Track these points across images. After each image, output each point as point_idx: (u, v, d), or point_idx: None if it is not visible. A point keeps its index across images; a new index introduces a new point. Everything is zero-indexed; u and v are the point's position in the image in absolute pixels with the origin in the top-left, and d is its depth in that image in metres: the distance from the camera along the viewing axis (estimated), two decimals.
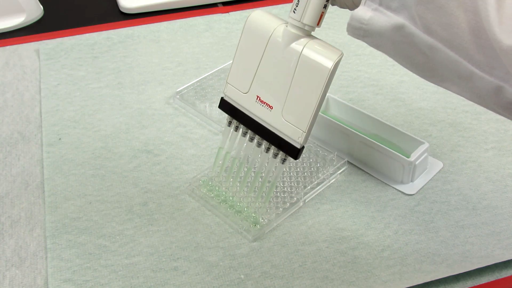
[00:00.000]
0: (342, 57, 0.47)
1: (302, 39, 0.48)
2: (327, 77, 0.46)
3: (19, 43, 0.82)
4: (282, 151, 0.51)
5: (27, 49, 0.80)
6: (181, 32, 0.84)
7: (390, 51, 0.45)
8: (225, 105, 0.54)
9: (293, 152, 0.50)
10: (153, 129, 0.66)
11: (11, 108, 0.70)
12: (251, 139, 0.54)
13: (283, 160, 0.52)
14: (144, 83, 0.74)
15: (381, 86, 0.73)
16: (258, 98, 0.51)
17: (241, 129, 0.54)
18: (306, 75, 0.47)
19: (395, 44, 0.43)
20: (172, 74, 0.75)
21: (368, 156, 0.61)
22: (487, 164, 0.62)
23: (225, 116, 0.67)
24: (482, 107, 0.68)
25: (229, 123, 0.54)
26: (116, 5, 0.91)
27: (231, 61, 0.76)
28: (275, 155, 0.52)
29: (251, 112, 0.52)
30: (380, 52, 0.46)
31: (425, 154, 0.59)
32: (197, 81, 0.73)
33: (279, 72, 0.49)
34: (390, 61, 0.77)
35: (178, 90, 0.71)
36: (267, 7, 0.89)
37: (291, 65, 0.48)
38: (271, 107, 0.50)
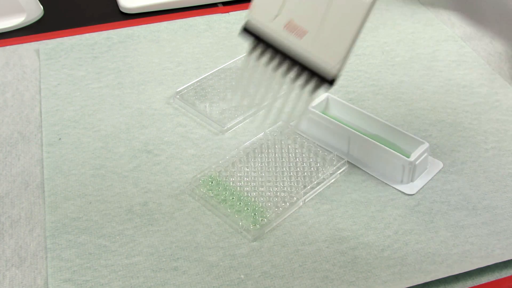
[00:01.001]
0: None
1: None
2: (368, 9, 0.43)
3: (19, 43, 0.82)
4: (315, 79, 0.47)
5: (27, 49, 0.80)
6: (181, 32, 0.84)
7: None
8: (249, 32, 0.48)
9: (327, 80, 0.46)
10: (153, 129, 0.67)
11: (11, 108, 0.70)
12: (276, 69, 0.49)
13: (313, 90, 0.48)
14: (144, 83, 0.74)
15: (381, 86, 0.73)
16: (290, 23, 0.46)
17: (263, 59, 0.49)
18: (346, 3, 0.44)
19: None
20: (172, 74, 0.75)
21: (368, 156, 0.61)
22: (487, 164, 0.62)
23: (225, 116, 0.68)
24: (482, 107, 0.69)
25: (251, 51, 0.49)
26: (116, 5, 0.91)
27: (233, 60, 0.76)
28: (304, 85, 0.48)
29: (280, 38, 0.47)
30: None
31: (425, 154, 0.59)
32: (197, 81, 0.73)
33: None
34: (390, 61, 0.77)
35: (178, 90, 0.71)
36: None
37: None
38: (304, 32, 0.46)
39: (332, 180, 0.60)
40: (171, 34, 0.83)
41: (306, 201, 0.58)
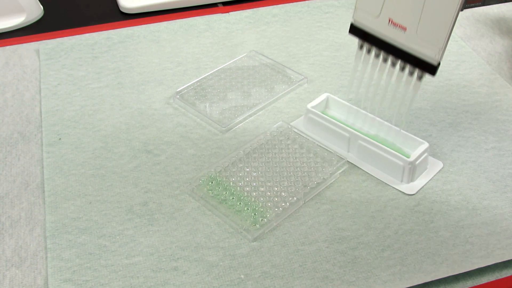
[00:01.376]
0: None
1: None
2: None
3: (19, 43, 0.82)
4: (419, 68, 0.53)
5: (27, 49, 0.80)
6: (181, 32, 0.84)
7: None
8: (355, 30, 0.55)
9: (431, 68, 0.52)
10: (153, 129, 0.67)
11: (11, 108, 0.70)
12: (385, 60, 0.55)
13: (420, 77, 0.54)
14: (144, 83, 0.74)
15: (381, 86, 0.73)
16: (391, 21, 0.52)
17: (373, 52, 0.56)
18: None
19: None
20: (172, 74, 0.75)
21: (368, 156, 0.61)
22: (487, 164, 0.62)
23: (225, 116, 0.68)
24: (482, 107, 0.69)
25: (361, 47, 0.56)
26: (116, 5, 0.91)
27: (233, 60, 0.76)
28: (411, 73, 0.54)
29: (384, 34, 0.53)
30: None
31: (425, 154, 0.59)
32: (197, 81, 0.73)
33: None
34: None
35: (178, 90, 0.71)
36: (268, 7, 0.89)
37: None
38: (404, 29, 0.51)
39: (332, 180, 0.60)
40: (171, 34, 0.83)
41: (306, 201, 0.58)
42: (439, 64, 0.51)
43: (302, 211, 0.57)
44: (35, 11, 0.88)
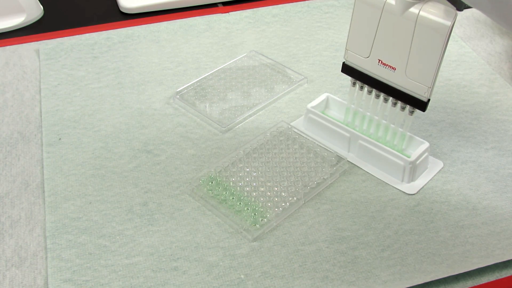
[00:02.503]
0: (457, 15, 0.50)
1: (417, 4, 0.51)
2: (448, 34, 0.49)
3: (19, 43, 0.82)
4: (410, 105, 0.55)
5: (27, 49, 0.80)
6: (181, 32, 0.84)
7: (487, 8, 0.47)
8: (347, 69, 0.58)
9: (421, 105, 0.54)
10: (153, 129, 0.66)
11: (11, 108, 0.70)
12: (377, 96, 0.58)
13: (411, 112, 0.56)
14: (144, 83, 0.74)
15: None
16: (380, 61, 0.54)
17: (365, 88, 0.58)
18: (426, 35, 0.51)
19: (493, 2, 0.45)
20: (172, 74, 0.75)
21: (368, 156, 0.61)
22: (487, 164, 0.62)
23: (225, 116, 0.68)
24: (482, 107, 0.69)
25: (354, 84, 0.59)
26: (116, 5, 0.91)
27: (233, 60, 0.77)
28: (403, 108, 0.56)
29: (375, 74, 0.56)
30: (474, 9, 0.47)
31: (426, 154, 0.59)
32: (197, 81, 0.73)
33: (398, 36, 0.52)
34: None
35: (178, 90, 0.71)
36: (268, 7, 0.89)
37: (409, 28, 0.51)
38: (394, 69, 0.54)
39: (332, 180, 0.60)
40: (171, 34, 0.83)
41: (306, 201, 0.58)
42: (429, 100, 0.54)
43: (302, 211, 0.57)
44: (35, 11, 0.88)
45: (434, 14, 0.50)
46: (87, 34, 0.83)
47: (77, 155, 0.63)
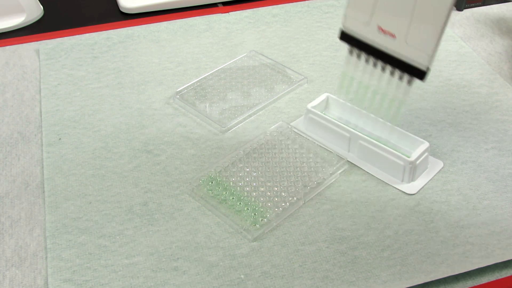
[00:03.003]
0: None
1: None
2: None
3: (19, 43, 0.82)
4: (408, 74, 0.53)
5: (27, 49, 0.80)
6: (181, 32, 0.84)
7: None
8: (345, 37, 0.55)
9: (420, 74, 0.52)
10: (153, 129, 0.67)
11: (11, 108, 0.70)
12: (374, 65, 0.55)
13: (409, 82, 0.54)
14: (144, 83, 0.74)
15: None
16: (380, 28, 0.52)
17: (363, 56, 0.56)
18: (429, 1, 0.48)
19: None
20: (172, 74, 0.75)
21: (368, 155, 0.61)
22: (487, 164, 0.62)
23: (225, 116, 0.68)
24: (482, 107, 0.69)
25: (350, 52, 0.56)
26: (116, 5, 0.91)
27: (233, 60, 0.77)
28: (400, 78, 0.54)
29: (374, 41, 0.53)
30: None
31: (426, 154, 0.59)
32: (197, 81, 0.73)
33: (400, 1, 0.50)
34: None
35: (178, 90, 0.71)
36: (268, 7, 0.89)
37: None
38: (393, 36, 0.51)
39: (332, 180, 0.60)
40: (171, 34, 0.83)
41: (306, 201, 0.58)
42: (428, 69, 0.52)
43: (302, 211, 0.57)
44: (35, 11, 0.88)
45: None
46: (87, 34, 0.83)
47: (77, 155, 0.63)
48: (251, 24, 0.85)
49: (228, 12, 0.88)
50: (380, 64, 0.55)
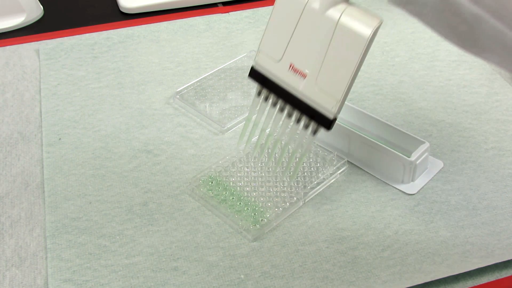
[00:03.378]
0: (381, 24, 0.46)
1: (339, 6, 0.47)
2: (366, 44, 0.46)
3: (19, 43, 0.82)
4: (314, 121, 0.50)
5: (27, 49, 0.80)
6: (181, 32, 0.84)
7: (432, 20, 0.44)
8: (255, 74, 0.52)
9: (326, 122, 0.49)
10: (153, 129, 0.66)
11: (11, 108, 0.70)
12: (282, 110, 0.52)
13: (315, 132, 0.51)
14: (144, 83, 0.74)
15: (381, 86, 0.73)
16: (292, 66, 0.50)
17: (270, 100, 0.53)
18: (344, 42, 0.47)
19: (438, 13, 0.43)
20: (172, 74, 0.75)
21: (368, 156, 0.61)
22: (487, 164, 0.62)
23: (225, 116, 0.68)
24: (482, 107, 0.69)
25: (259, 93, 0.53)
26: (116, 5, 0.91)
27: (233, 60, 0.77)
28: (306, 126, 0.51)
29: (283, 81, 0.51)
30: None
31: (426, 154, 0.59)
32: (197, 81, 0.73)
33: (315, 39, 0.48)
34: (390, 61, 0.77)
35: (178, 90, 0.71)
36: (268, 7, 0.89)
37: (328, 32, 0.47)
38: (304, 76, 0.49)
39: (332, 180, 0.60)
40: (171, 34, 0.83)
41: (306, 201, 0.58)
42: (335, 119, 0.49)
43: (302, 211, 0.57)
44: (35, 11, 0.88)
45: (356, 19, 0.46)
46: (87, 34, 0.83)
47: (77, 155, 0.63)
48: (251, 24, 0.85)
49: (228, 12, 0.88)
50: (287, 109, 0.52)
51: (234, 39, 0.82)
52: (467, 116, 0.68)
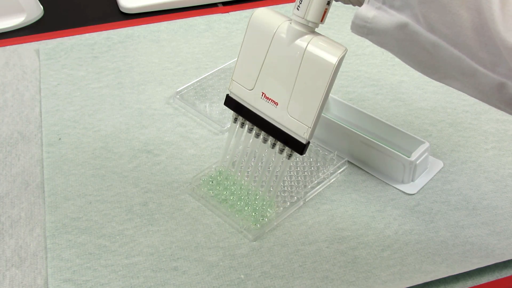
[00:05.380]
0: (346, 52, 0.47)
1: (306, 36, 0.48)
2: (332, 72, 0.47)
3: (19, 43, 0.82)
4: (288, 146, 0.52)
5: (27, 49, 0.80)
6: (181, 32, 0.84)
7: (394, 48, 0.45)
8: (230, 102, 0.54)
9: (299, 147, 0.50)
10: (153, 129, 0.66)
11: (11, 108, 0.70)
12: (257, 135, 0.54)
13: (289, 156, 0.52)
14: (144, 83, 0.74)
15: (381, 86, 0.73)
16: (264, 95, 0.51)
17: (247, 126, 0.55)
18: (311, 71, 0.48)
19: (399, 42, 0.44)
20: (172, 74, 0.75)
21: (369, 155, 0.61)
22: (487, 164, 0.62)
23: (225, 116, 0.68)
24: (482, 107, 0.69)
25: (235, 120, 0.55)
26: (116, 5, 0.92)
27: (233, 60, 0.77)
28: (281, 151, 0.53)
29: (257, 109, 0.52)
30: (382, 50, 0.46)
31: (426, 154, 0.59)
32: (197, 81, 0.73)
33: (284, 69, 0.49)
34: (390, 61, 0.77)
35: (178, 90, 0.71)
36: (267, 7, 0.89)
37: (296, 62, 0.48)
38: (276, 104, 0.51)
39: (333, 180, 0.60)
40: (171, 34, 0.83)
41: (306, 200, 0.58)
42: (308, 143, 0.50)
43: (302, 211, 0.57)
44: (35, 11, 0.88)
45: (322, 48, 0.47)
46: (87, 34, 0.83)
47: (77, 155, 0.63)
48: None
49: (228, 12, 0.88)
50: (262, 135, 0.53)
51: (234, 39, 0.82)
52: (467, 116, 0.68)
